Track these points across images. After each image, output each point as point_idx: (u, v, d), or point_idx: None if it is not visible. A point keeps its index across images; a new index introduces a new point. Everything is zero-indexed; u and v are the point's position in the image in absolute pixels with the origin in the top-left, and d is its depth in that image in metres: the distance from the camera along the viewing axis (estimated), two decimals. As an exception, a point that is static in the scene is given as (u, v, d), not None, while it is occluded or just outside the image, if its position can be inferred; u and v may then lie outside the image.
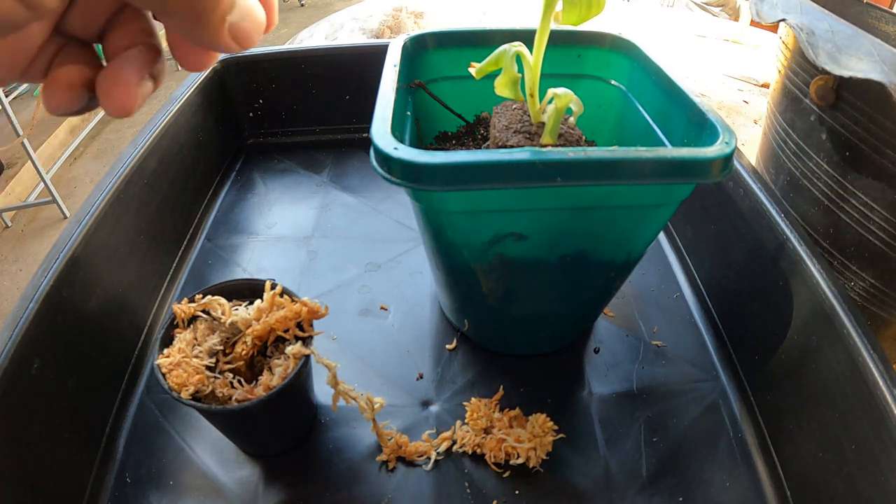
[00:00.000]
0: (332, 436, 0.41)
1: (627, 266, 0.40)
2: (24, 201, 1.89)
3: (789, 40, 0.50)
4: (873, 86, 0.39)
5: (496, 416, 0.41)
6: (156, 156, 0.54)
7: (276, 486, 0.38)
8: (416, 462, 0.40)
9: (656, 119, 0.41)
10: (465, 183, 0.30)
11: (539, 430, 0.39)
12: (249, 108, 0.74)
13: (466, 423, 0.41)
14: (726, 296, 0.49)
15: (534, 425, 0.40)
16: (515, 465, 0.39)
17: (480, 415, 0.41)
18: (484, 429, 0.41)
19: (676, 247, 0.58)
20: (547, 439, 0.39)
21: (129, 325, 0.47)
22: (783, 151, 0.51)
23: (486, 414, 0.41)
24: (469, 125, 0.48)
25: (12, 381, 0.33)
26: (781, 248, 0.41)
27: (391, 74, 0.39)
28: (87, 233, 0.43)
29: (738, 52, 1.86)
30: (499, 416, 0.41)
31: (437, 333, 0.49)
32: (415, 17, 1.66)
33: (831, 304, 0.35)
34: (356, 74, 0.72)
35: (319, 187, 0.68)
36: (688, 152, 0.31)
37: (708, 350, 0.48)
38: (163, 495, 0.38)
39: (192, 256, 0.58)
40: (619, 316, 0.51)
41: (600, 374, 0.46)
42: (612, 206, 0.34)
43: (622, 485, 0.39)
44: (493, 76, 0.49)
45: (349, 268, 0.56)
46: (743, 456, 0.40)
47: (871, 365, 0.32)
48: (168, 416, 0.43)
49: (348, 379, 0.45)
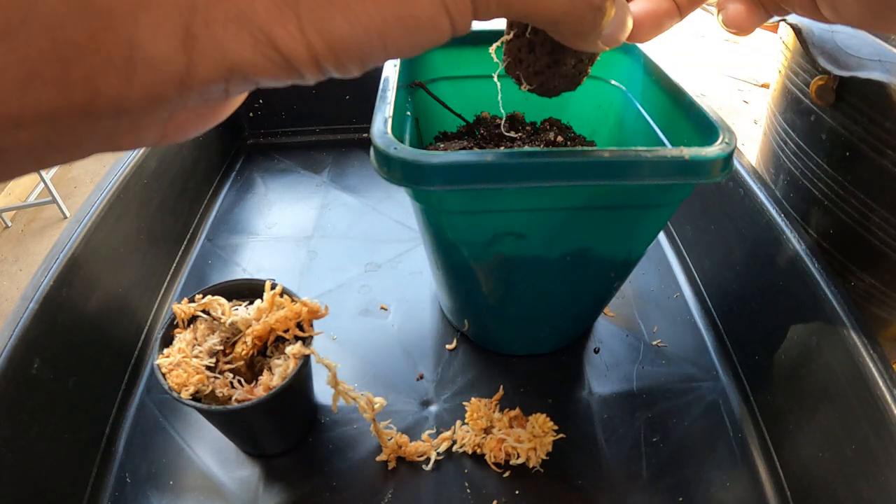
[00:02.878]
0: (332, 436, 0.41)
1: (627, 266, 0.40)
2: (24, 201, 1.89)
3: (789, 40, 0.50)
4: (873, 86, 0.39)
5: (496, 417, 0.41)
6: (156, 156, 0.54)
7: (276, 486, 0.38)
8: (417, 462, 0.40)
9: (656, 119, 0.41)
10: (465, 183, 0.30)
11: (539, 430, 0.39)
12: (249, 108, 0.74)
13: (466, 423, 0.41)
14: (726, 296, 0.49)
15: (534, 425, 0.40)
16: (515, 465, 0.39)
17: (480, 415, 0.41)
18: (484, 429, 0.41)
19: (676, 247, 0.58)
20: (547, 439, 0.39)
21: (129, 325, 0.47)
22: (783, 151, 0.51)
23: (486, 414, 0.41)
24: (469, 125, 0.48)
25: (12, 381, 0.33)
26: (781, 248, 0.41)
27: (391, 74, 0.39)
28: (87, 233, 0.43)
29: (738, 52, 1.86)
30: (499, 416, 0.41)
31: (437, 333, 0.49)
32: (415, 17, 1.66)
33: (831, 304, 0.35)
34: (356, 74, 0.72)
35: (319, 187, 0.68)
36: (688, 152, 0.31)
37: (708, 350, 0.48)
38: (163, 495, 0.38)
39: (192, 256, 0.58)
40: (619, 316, 0.51)
41: (600, 374, 0.46)
42: (611, 206, 0.34)
43: (622, 485, 0.39)
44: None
45: (349, 268, 0.56)
46: (743, 456, 0.40)
47: (871, 365, 0.32)
48: (168, 416, 0.43)
49: (348, 379, 0.45)
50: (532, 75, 0.28)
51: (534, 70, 0.27)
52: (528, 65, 0.27)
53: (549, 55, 0.26)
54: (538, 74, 0.27)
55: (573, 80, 0.28)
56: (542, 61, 0.27)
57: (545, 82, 0.28)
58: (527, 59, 0.27)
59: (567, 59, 0.27)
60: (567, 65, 0.27)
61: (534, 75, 0.27)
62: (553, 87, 0.28)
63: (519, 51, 0.27)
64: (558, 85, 0.28)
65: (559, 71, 0.27)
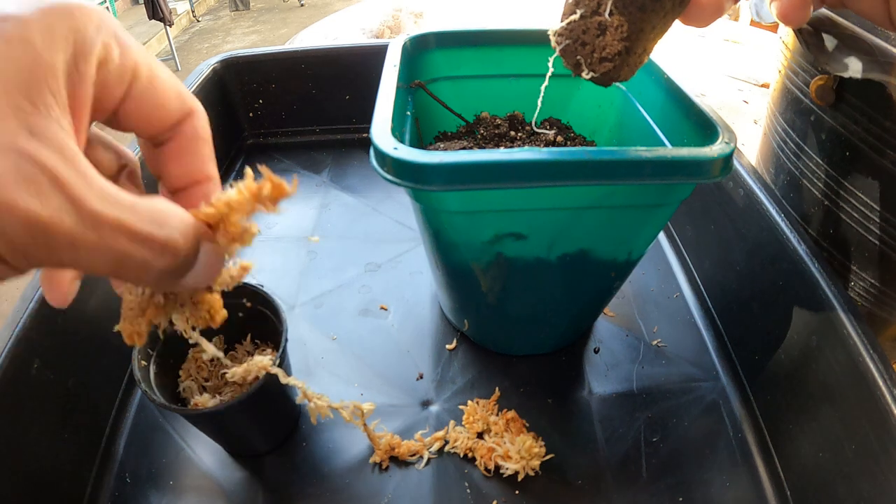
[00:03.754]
0: (332, 436, 0.41)
1: (628, 266, 0.40)
2: (24, 201, 1.89)
3: (789, 40, 0.50)
4: (873, 86, 0.39)
5: (492, 420, 0.41)
6: (156, 156, 0.54)
7: (275, 486, 0.38)
8: (410, 461, 0.40)
9: (656, 119, 0.41)
10: (464, 183, 0.30)
11: (525, 453, 0.38)
12: (249, 108, 0.74)
13: (462, 424, 0.41)
14: (726, 296, 0.49)
15: (520, 448, 0.39)
16: (507, 474, 0.39)
17: (477, 418, 0.41)
18: (479, 432, 0.40)
19: (676, 247, 0.58)
20: (533, 462, 0.38)
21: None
22: (783, 151, 0.51)
23: (482, 417, 0.41)
24: (469, 125, 0.48)
25: (12, 381, 0.33)
26: (781, 248, 0.41)
27: (391, 74, 0.39)
28: (87, 233, 0.43)
29: (738, 52, 1.86)
30: (495, 419, 0.41)
31: (437, 333, 0.49)
32: (415, 17, 1.66)
33: (831, 304, 0.35)
34: (356, 74, 0.72)
35: (319, 187, 0.68)
36: (688, 152, 0.31)
37: (708, 350, 0.48)
38: (163, 495, 0.38)
39: (192, 256, 0.58)
40: (619, 316, 0.51)
41: (600, 374, 0.46)
42: (612, 206, 0.34)
43: (622, 485, 0.39)
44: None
45: (349, 268, 0.56)
46: (743, 456, 0.40)
47: (871, 365, 0.32)
48: (168, 416, 0.43)
49: (348, 379, 0.45)
50: (598, 62, 0.25)
51: (600, 56, 0.25)
52: (595, 49, 0.25)
53: (623, 40, 0.24)
54: (606, 61, 0.25)
55: (633, 69, 0.26)
56: (615, 47, 0.24)
57: (611, 71, 0.25)
58: (593, 43, 0.25)
59: (639, 45, 0.24)
60: (637, 52, 0.25)
61: (600, 62, 0.25)
62: (618, 75, 0.26)
63: (584, 33, 0.25)
64: (623, 74, 0.26)
65: (629, 60, 0.25)
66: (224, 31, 3.81)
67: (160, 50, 3.44)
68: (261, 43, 3.48)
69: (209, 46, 3.56)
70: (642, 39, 0.24)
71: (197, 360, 0.39)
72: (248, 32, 3.72)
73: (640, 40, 0.24)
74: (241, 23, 3.92)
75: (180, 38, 3.70)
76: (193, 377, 0.39)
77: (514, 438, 0.39)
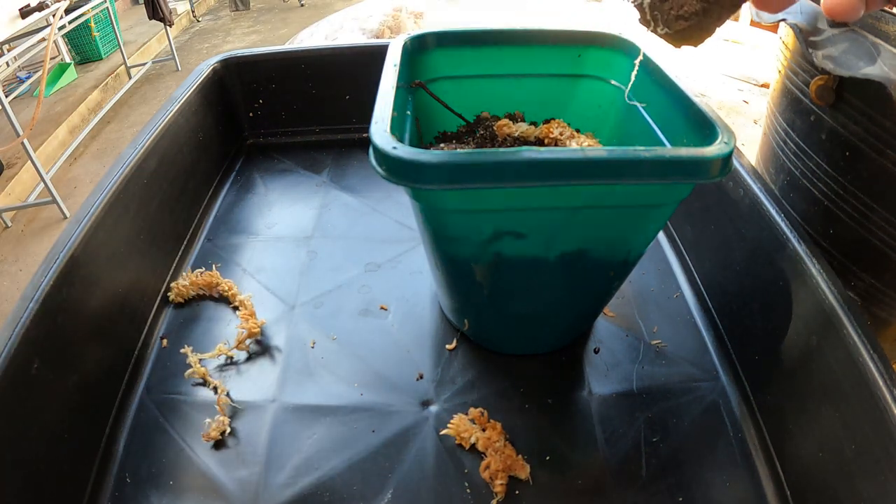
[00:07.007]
0: (331, 434, 0.41)
1: (627, 266, 0.40)
2: (24, 201, 1.89)
3: (789, 40, 0.50)
4: (873, 86, 0.39)
5: (479, 435, 0.40)
6: (156, 156, 0.54)
7: (276, 486, 0.38)
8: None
9: (656, 119, 0.41)
10: (464, 182, 0.30)
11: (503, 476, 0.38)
12: (249, 108, 0.74)
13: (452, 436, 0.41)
14: (726, 296, 0.49)
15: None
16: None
17: (463, 429, 0.40)
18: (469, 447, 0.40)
19: (676, 247, 0.58)
20: (521, 474, 0.38)
21: (129, 325, 0.47)
22: (783, 151, 0.51)
23: (468, 430, 0.40)
24: (469, 125, 0.48)
25: (12, 381, 0.33)
26: (781, 248, 0.41)
27: (391, 74, 0.39)
28: (87, 233, 0.43)
29: (738, 52, 1.86)
30: (480, 434, 0.40)
31: (437, 333, 0.49)
32: (415, 17, 1.66)
33: (831, 304, 0.35)
34: (356, 74, 0.72)
35: (319, 187, 0.68)
36: (687, 152, 0.31)
37: (708, 350, 0.48)
38: (163, 495, 0.38)
39: (192, 256, 0.58)
40: (619, 316, 0.51)
41: (600, 374, 0.46)
42: (611, 206, 0.34)
43: (622, 485, 0.39)
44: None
45: (349, 268, 0.56)
46: (743, 456, 0.40)
47: (871, 365, 0.32)
48: (168, 416, 0.43)
49: (348, 379, 0.45)
50: (674, 19, 0.26)
51: (677, 14, 0.25)
52: (673, 7, 0.26)
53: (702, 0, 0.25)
54: (682, 19, 0.26)
55: (706, 35, 0.26)
56: (693, 6, 0.25)
57: (686, 30, 0.26)
58: (672, 1, 0.25)
59: (715, 10, 0.25)
60: (713, 16, 0.25)
61: (675, 19, 0.26)
62: (690, 36, 0.26)
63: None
64: (697, 36, 0.26)
65: (704, 22, 0.25)
66: (224, 31, 3.81)
67: (160, 50, 3.44)
68: (261, 43, 3.48)
69: (209, 46, 3.56)
70: (720, 4, 0.25)
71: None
72: (248, 32, 3.72)
73: (718, 4, 0.25)
74: (241, 23, 3.92)
75: (180, 38, 3.70)
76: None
77: (502, 437, 0.39)
